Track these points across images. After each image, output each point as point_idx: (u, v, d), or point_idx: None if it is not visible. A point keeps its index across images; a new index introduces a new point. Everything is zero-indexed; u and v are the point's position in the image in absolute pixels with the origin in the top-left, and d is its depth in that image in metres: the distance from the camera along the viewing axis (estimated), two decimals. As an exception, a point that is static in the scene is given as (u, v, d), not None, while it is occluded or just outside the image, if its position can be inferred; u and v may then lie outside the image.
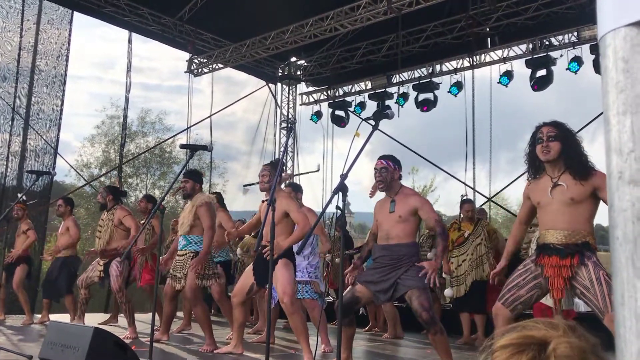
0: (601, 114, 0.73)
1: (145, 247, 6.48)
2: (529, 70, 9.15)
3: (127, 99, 11.46)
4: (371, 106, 11.20)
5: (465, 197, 7.62)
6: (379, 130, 3.73)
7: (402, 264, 4.07)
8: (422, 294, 3.96)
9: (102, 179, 19.92)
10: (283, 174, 4.31)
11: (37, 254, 9.11)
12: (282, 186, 5.39)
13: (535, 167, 3.53)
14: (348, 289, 4.44)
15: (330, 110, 11.78)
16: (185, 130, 11.85)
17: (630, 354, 0.66)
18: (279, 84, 12.63)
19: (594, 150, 3.34)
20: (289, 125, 12.16)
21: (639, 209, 0.65)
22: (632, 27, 0.67)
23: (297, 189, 6.03)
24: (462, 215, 6.78)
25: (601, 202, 3.35)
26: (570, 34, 9.01)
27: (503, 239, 6.51)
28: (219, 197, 6.92)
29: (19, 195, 6.77)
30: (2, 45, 9.27)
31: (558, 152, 3.34)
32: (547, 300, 4.79)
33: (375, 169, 4.29)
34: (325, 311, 5.74)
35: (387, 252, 4.15)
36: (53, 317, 6.93)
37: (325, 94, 12.25)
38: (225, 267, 7.06)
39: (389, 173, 4.23)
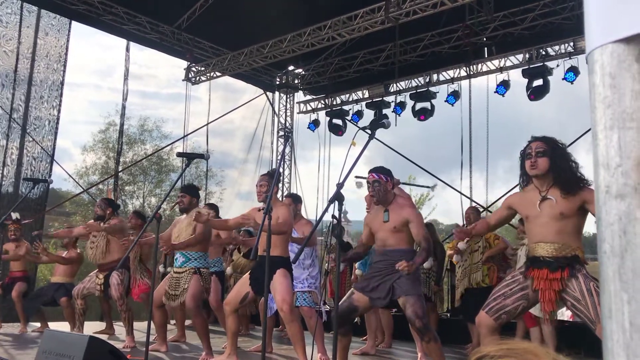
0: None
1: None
2: (526, 80, 9.17)
3: (123, 107, 11.51)
4: (368, 115, 11.22)
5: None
6: (375, 139, 3.76)
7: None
8: (417, 302, 4.01)
9: (100, 186, 19.87)
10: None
11: (32, 269, 9.02)
12: (284, 199, 5.40)
13: (525, 179, 3.59)
14: (345, 297, 4.44)
15: (328, 118, 11.79)
16: (182, 138, 11.86)
17: (618, 367, 0.66)
18: (276, 93, 12.65)
19: (590, 162, 3.36)
20: (286, 134, 12.17)
21: (625, 223, 0.66)
22: (619, 44, 0.68)
23: (296, 200, 6.01)
24: (464, 222, 6.82)
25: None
26: (566, 44, 9.05)
27: (505, 245, 6.42)
28: (215, 209, 6.91)
29: (13, 214, 6.68)
30: (0, 53, 9.29)
31: (546, 167, 3.39)
32: (536, 311, 4.80)
33: (367, 182, 4.34)
34: (326, 321, 5.71)
35: (384, 257, 4.24)
36: (52, 325, 6.87)
37: (323, 102, 12.27)
38: (220, 277, 7.01)
39: (381, 186, 4.27)
